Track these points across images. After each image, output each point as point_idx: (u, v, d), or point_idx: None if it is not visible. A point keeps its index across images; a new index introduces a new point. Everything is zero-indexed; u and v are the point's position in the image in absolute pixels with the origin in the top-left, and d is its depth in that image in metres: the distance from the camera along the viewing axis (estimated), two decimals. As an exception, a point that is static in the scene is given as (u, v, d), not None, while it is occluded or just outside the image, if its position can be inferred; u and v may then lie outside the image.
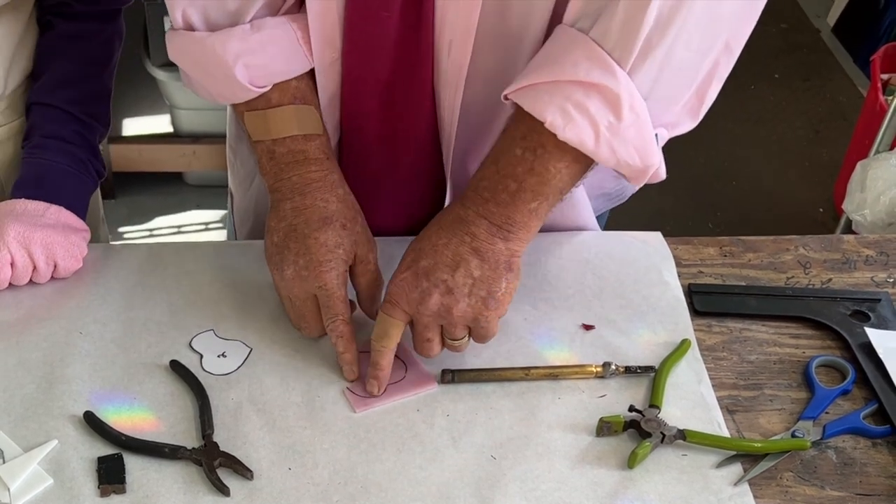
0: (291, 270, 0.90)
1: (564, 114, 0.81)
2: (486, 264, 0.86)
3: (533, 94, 0.83)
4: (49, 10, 1.07)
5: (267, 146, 0.94)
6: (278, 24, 0.92)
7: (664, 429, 0.86)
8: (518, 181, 0.85)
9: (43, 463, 0.83)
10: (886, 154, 2.17)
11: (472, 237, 0.86)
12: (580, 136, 0.82)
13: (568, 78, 0.81)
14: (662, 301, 1.01)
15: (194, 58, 0.93)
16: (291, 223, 0.91)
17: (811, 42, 3.34)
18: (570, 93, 0.81)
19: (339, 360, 0.91)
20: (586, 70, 0.80)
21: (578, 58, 0.81)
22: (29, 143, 1.04)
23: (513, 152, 0.85)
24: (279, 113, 0.93)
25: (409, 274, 0.87)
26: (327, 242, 0.90)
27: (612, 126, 0.82)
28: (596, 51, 0.81)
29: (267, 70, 0.92)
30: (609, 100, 0.81)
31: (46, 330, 0.95)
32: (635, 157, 0.84)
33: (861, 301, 1.02)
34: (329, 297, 0.90)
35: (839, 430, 0.89)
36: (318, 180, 0.93)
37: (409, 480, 0.83)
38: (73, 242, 0.99)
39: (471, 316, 0.87)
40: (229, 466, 0.83)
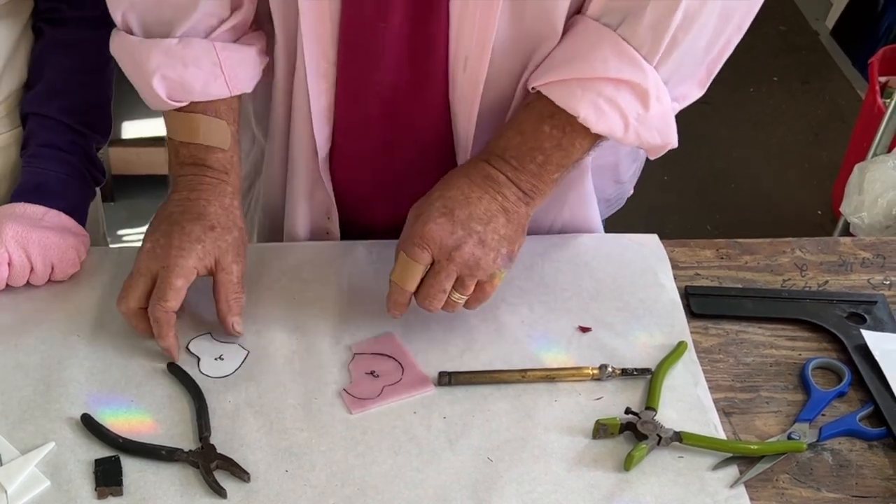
0: (149, 245, 0.92)
1: (597, 109, 0.86)
2: (511, 225, 0.90)
3: (564, 89, 0.87)
4: (41, 17, 1.07)
5: (175, 144, 0.97)
6: (204, 48, 0.93)
7: (660, 431, 0.87)
8: (545, 154, 0.89)
9: (40, 465, 0.83)
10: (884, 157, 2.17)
11: (503, 197, 0.90)
12: (611, 127, 0.87)
13: (599, 75, 0.85)
14: (659, 303, 1.01)
15: (127, 59, 0.96)
16: (171, 211, 0.95)
17: (810, 44, 3.34)
18: (601, 89, 0.86)
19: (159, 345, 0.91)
20: (616, 67, 0.85)
21: (608, 54, 0.85)
22: (26, 152, 1.05)
23: (541, 129, 0.89)
24: (189, 118, 0.95)
25: (446, 220, 0.88)
26: (191, 234, 0.92)
27: (640, 117, 0.87)
28: (624, 48, 0.85)
29: (183, 87, 0.94)
30: (638, 94, 0.86)
31: (44, 333, 0.95)
32: (657, 138, 0.90)
33: (857, 303, 1.02)
34: (164, 279, 0.90)
35: (835, 432, 0.89)
36: (208, 184, 0.96)
37: (405, 482, 0.84)
38: (71, 245, 1.00)
39: (491, 270, 0.89)
40: (226, 469, 0.83)
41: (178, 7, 0.92)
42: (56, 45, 1.06)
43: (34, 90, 1.06)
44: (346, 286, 1.02)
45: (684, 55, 0.86)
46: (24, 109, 1.07)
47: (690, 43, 0.85)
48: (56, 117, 1.05)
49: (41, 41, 1.07)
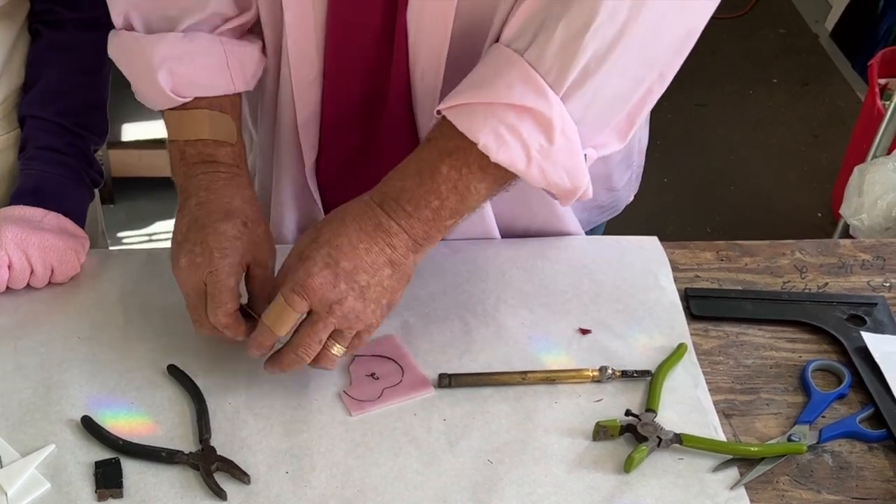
0: (186, 259, 0.88)
1: (497, 136, 0.81)
2: (395, 275, 0.86)
3: (467, 113, 0.82)
4: (37, 18, 1.07)
5: (179, 146, 0.94)
6: (211, 41, 0.92)
7: (661, 433, 0.87)
8: (441, 199, 0.84)
9: (40, 467, 0.83)
10: (884, 159, 2.17)
11: (392, 249, 0.85)
12: (512, 158, 0.82)
13: (502, 100, 0.81)
14: (659, 305, 1.01)
15: (128, 57, 0.94)
16: (194, 216, 0.90)
17: (809, 47, 3.35)
18: (503, 115, 0.81)
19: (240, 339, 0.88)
20: (520, 93, 0.80)
21: (513, 80, 0.81)
22: (24, 154, 1.05)
23: (439, 169, 0.84)
24: (193, 115, 0.93)
25: (330, 273, 0.83)
26: (226, 233, 0.88)
27: (543, 149, 0.82)
28: (531, 74, 0.80)
29: (190, 80, 0.92)
30: (541, 123, 0.81)
31: (44, 335, 0.95)
32: (565, 179, 0.84)
33: (857, 305, 1.02)
34: (214, 284, 0.86)
35: (835, 434, 0.89)
36: (224, 180, 0.93)
37: (405, 484, 0.84)
38: (70, 247, 1.00)
39: (370, 322, 0.86)
40: (226, 471, 0.83)
41: (186, 5, 0.91)
42: (53, 47, 1.06)
43: (31, 92, 1.06)
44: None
45: (596, 93, 0.82)
46: (22, 112, 1.07)
47: (603, 79, 0.81)
48: (54, 119, 1.05)
49: (38, 43, 1.07)
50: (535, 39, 0.80)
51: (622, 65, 0.81)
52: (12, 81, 1.07)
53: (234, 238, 0.88)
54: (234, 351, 0.95)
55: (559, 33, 0.79)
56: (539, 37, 0.80)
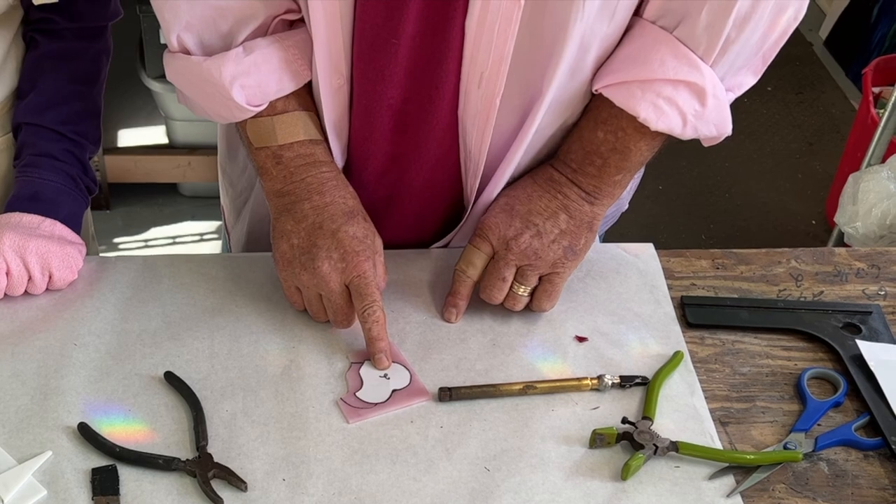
0: (327, 265, 0.92)
1: (656, 108, 0.90)
2: (573, 221, 0.96)
3: (624, 91, 0.91)
4: (33, 27, 1.07)
5: (273, 151, 0.96)
6: (269, 44, 0.93)
7: (657, 441, 0.87)
8: (603, 158, 0.94)
9: (37, 474, 0.83)
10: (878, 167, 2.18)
11: (564, 196, 0.96)
12: (670, 125, 0.91)
13: (658, 76, 0.89)
14: (655, 313, 1.01)
15: (191, 80, 0.95)
16: (315, 221, 0.94)
17: (804, 55, 3.36)
18: (659, 89, 0.89)
19: (373, 348, 0.93)
20: (675, 69, 0.88)
21: (665, 56, 0.89)
22: (20, 161, 1.05)
23: (595, 135, 0.94)
24: (286, 118, 0.95)
25: (505, 214, 0.96)
26: (357, 234, 0.94)
27: (697, 113, 0.91)
28: (681, 49, 0.89)
29: (261, 89, 0.93)
30: (696, 92, 0.90)
31: (41, 341, 0.95)
32: (713, 130, 0.93)
33: (852, 313, 1.03)
34: (366, 285, 0.92)
35: (831, 442, 0.90)
36: (332, 179, 0.96)
37: (403, 492, 0.84)
38: (68, 253, 1.00)
39: (551, 261, 0.95)
40: (223, 478, 0.83)
41: (237, 20, 0.92)
42: (50, 55, 1.07)
43: (28, 100, 1.06)
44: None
45: (739, 52, 0.89)
46: (19, 119, 1.07)
47: (745, 40, 0.88)
48: (50, 127, 1.05)
49: (35, 51, 1.07)
50: (684, 19, 0.88)
51: (760, 21, 0.88)
52: (6, 87, 1.07)
53: (365, 237, 0.94)
54: (232, 358, 0.95)
55: (705, 15, 0.86)
56: (686, 17, 0.87)
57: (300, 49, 0.94)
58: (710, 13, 0.86)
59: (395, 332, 0.98)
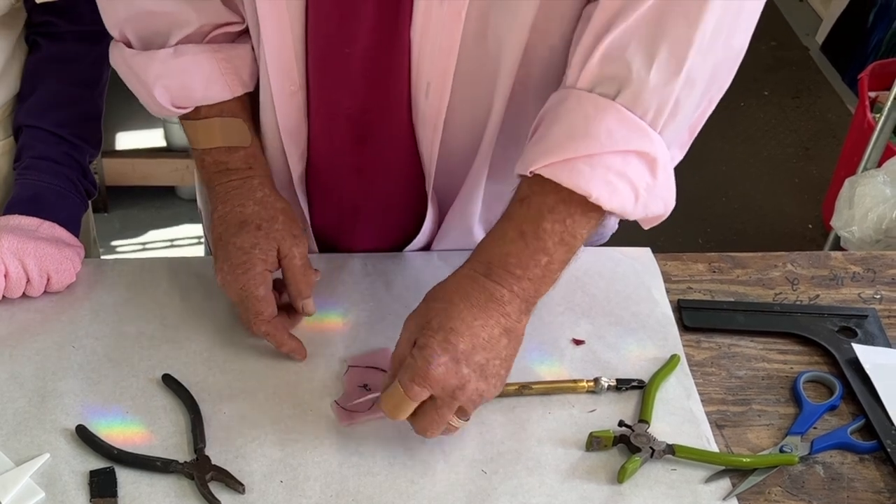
0: (220, 277, 0.94)
1: (609, 185, 0.80)
2: (511, 343, 0.84)
3: (570, 169, 0.80)
4: (35, 30, 1.07)
5: (198, 154, 0.98)
6: (200, 52, 0.94)
7: (653, 444, 0.87)
8: (549, 254, 0.83)
9: (35, 476, 0.83)
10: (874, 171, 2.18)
11: (505, 317, 0.83)
12: (623, 203, 0.81)
13: (606, 149, 0.79)
14: (651, 317, 1.02)
15: (125, 72, 0.97)
16: (218, 233, 0.95)
17: (800, 60, 3.37)
18: (609, 163, 0.80)
19: (282, 352, 0.94)
20: (623, 139, 0.79)
21: (611, 126, 0.79)
22: (20, 164, 1.05)
23: (542, 226, 0.82)
24: (205, 125, 0.96)
25: (450, 360, 0.81)
26: (243, 245, 0.93)
27: (648, 186, 0.82)
28: (627, 116, 0.79)
29: (186, 93, 0.95)
30: (647, 162, 0.81)
31: (39, 344, 0.95)
32: (660, 207, 0.85)
33: (848, 317, 1.03)
34: (247, 299, 0.92)
35: (827, 445, 0.90)
36: (236, 188, 0.96)
37: (400, 494, 0.84)
38: (66, 256, 1.00)
39: (491, 394, 0.84)
40: (221, 480, 0.84)
41: (169, 24, 0.93)
42: (52, 58, 1.07)
43: (29, 102, 1.07)
44: (342, 299, 1.02)
45: (685, 116, 0.82)
46: (19, 122, 1.07)
47: (692, 103, 0.81)
48: (51, 129, 1.05)
49: (36, 54, 1.07)
50: (627, 84, 0.79)
51: (702, 88, 0.81)
52: (8, 91, 1.07)
53: (251, 247, 0.92)
54: (229, 360, 0.95)
55: (654, 76, 0.78)
56: (630, 81, 0.78)
57: (232, 64, 0.95)
58: (660, 72, 0.78)
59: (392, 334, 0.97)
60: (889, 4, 3.01)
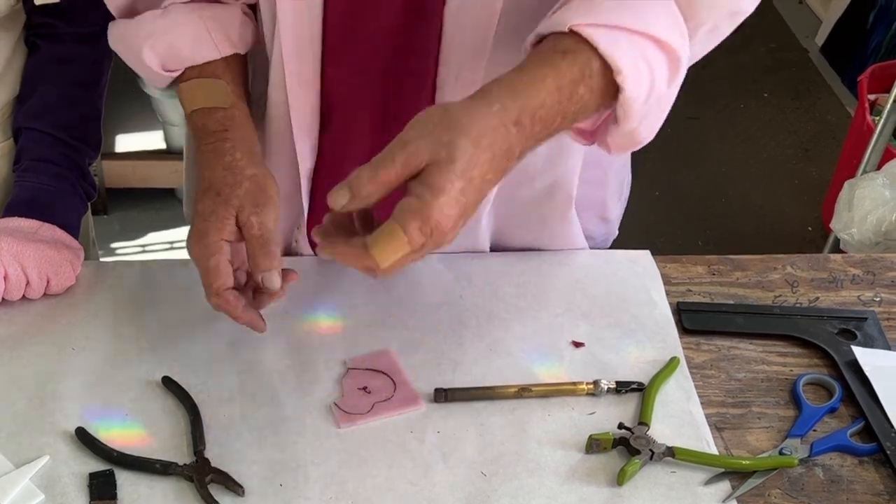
0: (188, 244, 0.90)
1: (636, 69, 0.77)
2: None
3: (611, 36, 0.76)
4: (35, 32, 1.07)
5: (189, 119, 0.95)
6: (186, 11, 0.93)
7: (653, 446, 0.87)
8: (564, 119, 0.78)
9: (35, 478, 0.83)
10: (873, 174, 2.19)
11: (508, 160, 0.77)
12: (637, 95, 0.78)
13: (650, 31, 0.78)
14: (651, 319, 1.02)
15: (121, 46, 0.96)
16: (191, 195, 0.95)
17: (800, 62, 3.37)
18: (645, 47, 0.78)
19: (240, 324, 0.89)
20: (668, 29, 0.79)
21: (661, 13, 0.79)
22: (19, 166, 1.05)
23: (576, 91, 0.77)
24: (188, 86, 0.95)
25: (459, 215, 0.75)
26: (203, 212, 0.88)
27: (659, 94, 0.80)
28: (676, 14, 0.80)
29: (173, 53, 0.93)
30: (672, 63, 0.79)
31: (39, 346, 0.95)
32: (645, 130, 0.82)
33: (848, 319, 1.03)
34: (201, 267, 0.87)
35: (826, 447, 0.90)
36: (209, 152, 0.92)
37: (399, 496, 0.84)
38: (66, 258, 1.00)
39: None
40: (221, 482, 0.84)
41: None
42: (51, 60, 1.07)
43: (28, 104, 1.07)
44: (341, 301, 1.02)
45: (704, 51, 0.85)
46: (18, 124, 1.07)
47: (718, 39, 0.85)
48: (49, 132, 1.05)
49: (35, 56, 1.07)
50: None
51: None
52: (8, 92, 1.07)
53: (209, 214, 0.87)
54: (229, 362, 0.95)
55: None
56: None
57: (219, 22, 0.94)
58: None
59: (392, 336, 0.98)
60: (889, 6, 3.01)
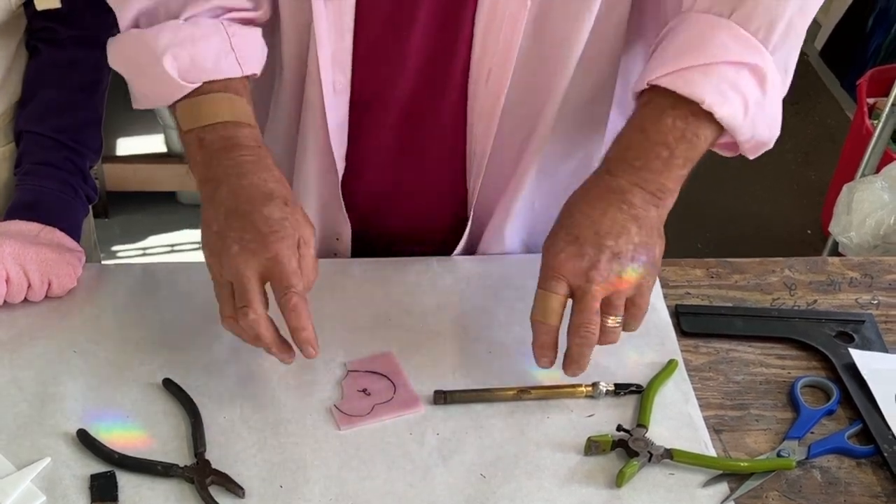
0: (237, 247, 0.83)
1: (720, 93, 0.84)
2: (644, 231, 0.86)
3: (684, 77, 0.85)
4: (36, 36, 1.08)
5: (196, 134, 0.90)
6: (213, 24, 0.90)
7: (651, 448, 0.87)
8: (670, 148, 0.86)
9: (36, 480, 0.84)
10: (872, 177, 2.19)
11: (629, 205, 0.86)
12: (733, 112, 0.85)
13: (719, 59, 0.85)
14: (649, 322, 1.01)
15: (131, 55, 0.92)
16: (230, 206, 0.86)
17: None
18: (723, 73, 0.85)
19: (296, 338, 0.85)
20: (737, 51, 0.85)
21: (725, 40, 0.85)
22: (20, 169, 1.06)
23: (663, 121, 0.86)
24: (210, 98, 0.90)
25: (571, 245, 0.85)
26: (273, 215, 0.85)
27: (758, 101, 0.86)
28: (741, 33, 0.85)
29: (195, 64, 0.89)
30: (757, 76, 0.86)
31: (40, 348, 0.96)
32: (766, 131, 0.89)
33: (846, 322, 1.03)
34: (282, 270, 0.83)
35: (824, 449, 0.90)
36: (252, 162, 0.88)
37: (399, 498, 0.84)
38: (67, 261, 1.00)
39: (635, 282, 0.86)
40: (221, 484, 0.84)
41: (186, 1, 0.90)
42: (51, 63, 1.07)
43: (29, 108, 1.07)
44: (341, 303, 1.03)
45: (795, 44, 0.87)
46: (19, 127, 1.07)
47: (801, 31, 0.86)
48: (51, 135, 1.06)
49: (37, 60, 1.08)
50: (741, 3, 0.84)
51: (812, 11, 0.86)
52: (9, 97, 1.07)
53: (282, 219, 0.85)
54: (230, 364, 0.95)
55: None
56: (741, 3, 0.84)
57: (243, 40, 0.91)
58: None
59: (391, 338, 0.98)
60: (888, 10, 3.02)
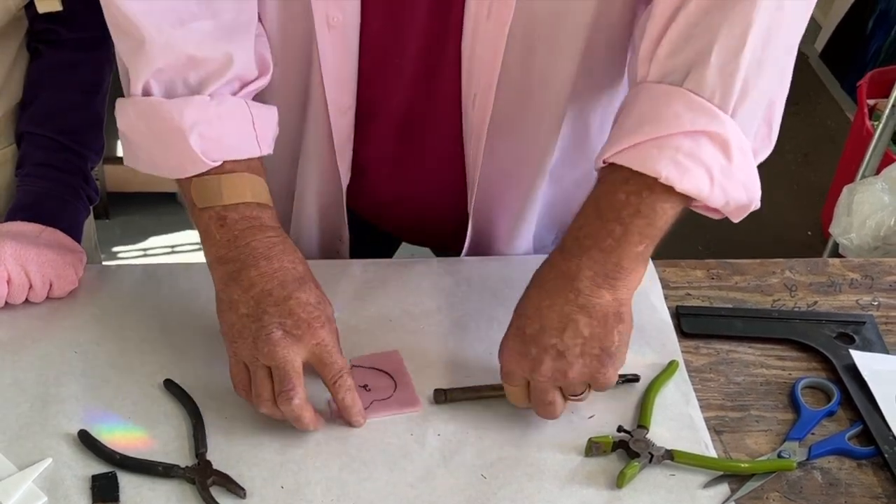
0: (279, 333, 0.84)
1: (678, 165, 0.80)
2: (595, 320, 0.83)
3: (638, 153, 0.81)
4: (37, 38, 1.08)
5: (217, 212, 0.88)
6: (237, 103, 0.89)
7: (652, 449, 0.88)
8: (623, 225, 0.82)
9: (37, 481, 0.84)
10: (872, 178, 2.19)
11: (576, 293, 0.82)
12: (697, 184, 0.81)
13: (673, 131, 0.80)
14: (650, 323, 1.02)
15: (149, 124, 0.89)
16: (263, 288, 0.85)
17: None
18: (678, 144, 0.80)
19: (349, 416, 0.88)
20: (691, 120, 0.80)
21: (679, 110, 0.80)
22: (22, 170, 1.06)
23: (616, 197, 0.82)
24: (233, 178, 0.89)
25: (517, 342, 0.85)
26: (310, 301, 0.86)
27: (724, 169, 0.81)
28: (694, 99, 0.80)
29: (220, 144, 0.88)
30: (719, 143, 0.81)
31: (41, 349, 0.96)
32: (742, 195, 0.84)
33: (846, 323, 1.04)
34: (329, 353, 0.86)
35: (824, 450, 0.90)
36: (279, 244, 0.88)
37: (399, 499, 0.84)
38: (68, 262, 1.00)
39: (588, 375, 0.84)
40: (222, 485, 0.84)
41: (209, 70, 0.87)
42: (53, 65, 1.07)
43: (30, 109, 1.07)
44: (342, 304, 1.03)
45: (757, 101, 0.82)
46: (21, 128, 1.08)
47: (764, 88, 0.82)
48: (52, 136, 1.06)
49: (38, 62, 1.08)
50: (692, 69, 0.80)
51: (773, 70, 0.82)
52: (11, 98, 1.08)
53: (318, 303, 0.87)
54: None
55: (715, 57, 0.79)
56: (694, 65, 0.80)
57: (263, 120, 0.91)
58: (720, 55, 0.79)
59: (391, 339, 0.98)
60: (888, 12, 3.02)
